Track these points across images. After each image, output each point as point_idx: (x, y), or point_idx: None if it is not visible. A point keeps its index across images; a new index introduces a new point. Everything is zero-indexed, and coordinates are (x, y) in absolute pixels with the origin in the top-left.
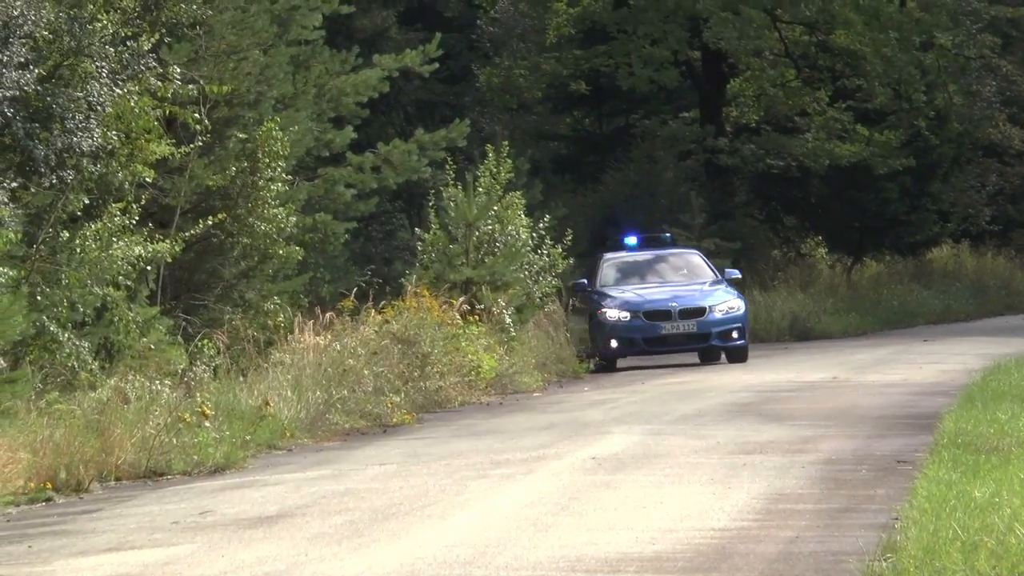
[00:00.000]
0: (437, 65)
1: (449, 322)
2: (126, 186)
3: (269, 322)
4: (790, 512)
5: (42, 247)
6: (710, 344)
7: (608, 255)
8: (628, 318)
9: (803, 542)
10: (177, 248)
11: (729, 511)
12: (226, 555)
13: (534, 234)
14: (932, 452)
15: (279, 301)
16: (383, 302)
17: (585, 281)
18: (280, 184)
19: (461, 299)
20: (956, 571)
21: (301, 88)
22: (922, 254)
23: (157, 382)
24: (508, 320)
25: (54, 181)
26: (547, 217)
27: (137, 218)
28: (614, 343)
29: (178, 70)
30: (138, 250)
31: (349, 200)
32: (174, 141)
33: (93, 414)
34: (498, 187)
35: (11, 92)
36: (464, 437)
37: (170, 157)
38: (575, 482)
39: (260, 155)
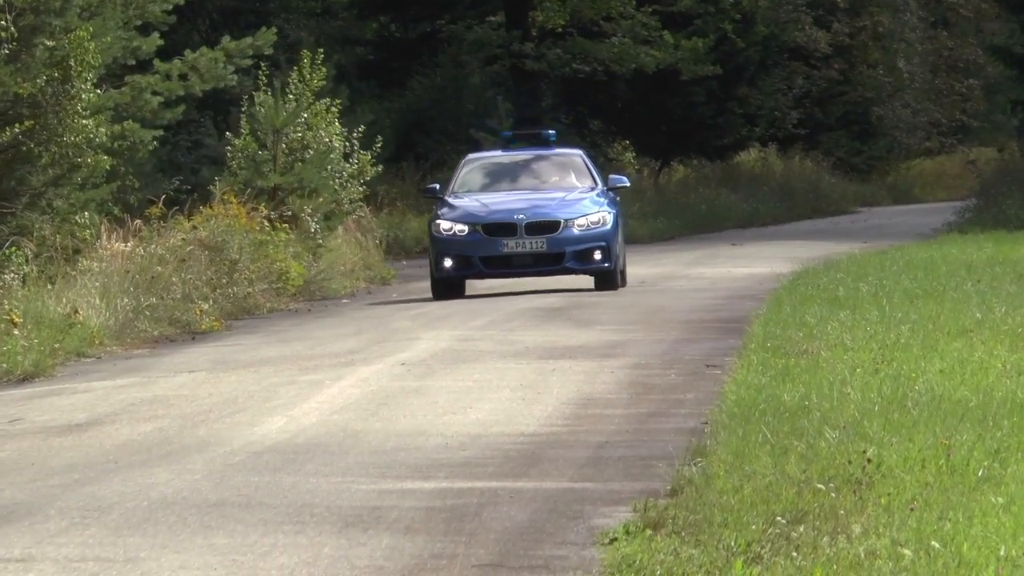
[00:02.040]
0: None
1: (257, 229)
2: None
3: (77, 231)
4: (599, 417)
5: None
6: (564, 266)
7: (471, 156)
8: (465, 232)
9: (613, 447)
10: None
11: (538, 416)
12: (36, 463)
13: (346, 142)
14: (741, 356)
15: (87, 214)
16: (191, 210)
17: (436, 186)
18: (90, 94)
19: (267, 206)
20: (766, 475)
21: None
22: (730, 158)
23: None
24: (315, 227)
25: None
26: (361, 127)
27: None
28: (448, 262)
29: None
30: None
31: (156, 108)
32: None
33: None
34: (309, 94)
35: None
36: (273, 344)
37: None
38: (384, 388)
39: (72, 63)
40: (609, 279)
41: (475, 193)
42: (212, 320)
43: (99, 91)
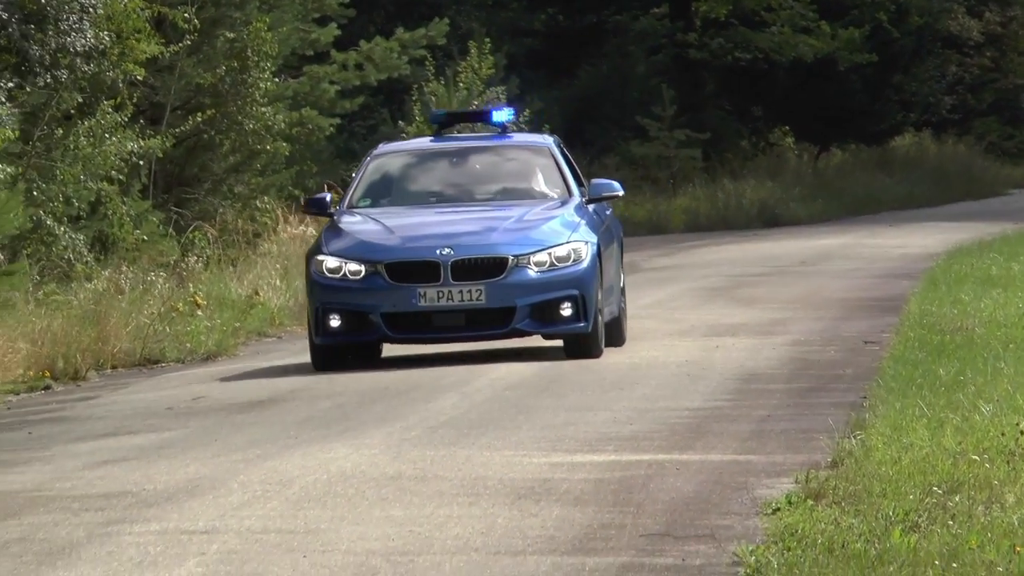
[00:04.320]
0: None
1: None
2: (118, 84)
3: (257, 215)
4: (762, 392)
5: (38, 144)
6: (513, 328)
7: (383, 147)
8: (361, 275)
9: (775, 420)
10: (168, 144)
11: (703, 391)
12: (218, 439)
13: (514, 127)
14: (898, 333)
15: (267, 198)
16: None
17: (326, 197)
18: (268, 83)
19: None
20: (923, 447)
21: None
22: (885, 143)
23: (151, 273)
24: None
25: (48, 80)
26: (526, 112)
27: (129, 115)
28: (334, 321)
29: None
30: (130, 146)
31: (333, 96)
32: (163, 40)
33: (89, 305)
34: (479, 82)
35: None
36: None
37: (160, 56)
38: (555, 365)
39: (250, 54)
40: (584, 345)
41: (380, 209)
42: None
43: (277, 80)
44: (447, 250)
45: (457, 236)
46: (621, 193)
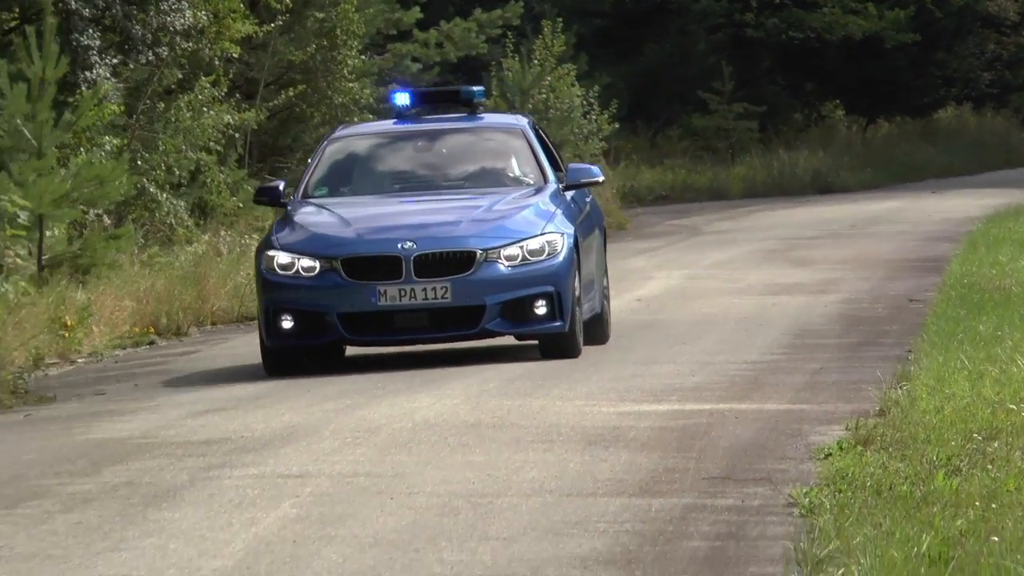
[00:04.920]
0: None
1: None
2: (215, 61)
3: None
4: (814, 346)
5: (141, 117)
6: (482, 328)
7: (341, 130)
8: (315, 271)
9: (826, 372)
10: (262, 116)
11: (760, 346)
12: (311, 390)
13: (584, 102)
14: (940, 291)
15: None
16: None
17: (279, 185)
18: (355, 59)
19: None
20: (964, 397)
21: None
22: (929, 115)
23: (246, 237)
24: None
25: (151, 58)
26: (596, 87)
27: (225, 90)
28: (286, 322)
29: None
30: (227, 118)
31: (415, 72)
32: (257, 20)
33: (190, 266)
34: (551, 59)
35: None
36: None
37: (254, 35)
38: (621, 321)
39: (338, 33)
40: (561, 346)
41: (337, 198)
42: None
43: (364, 58)
44: (409, 244)
45: (420, 228)
46: (601, 179)
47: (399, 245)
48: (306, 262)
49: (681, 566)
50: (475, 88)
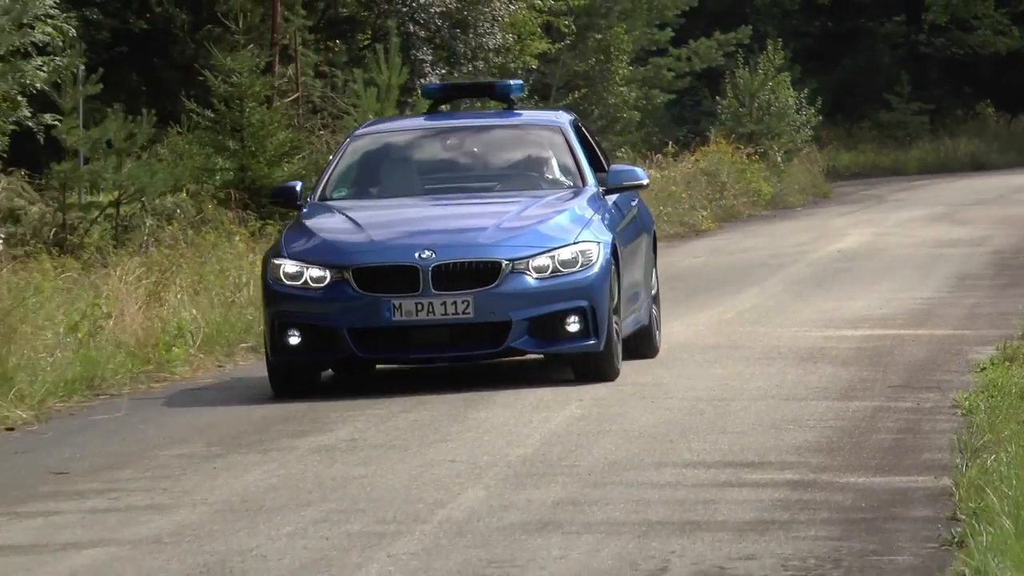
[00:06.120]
0: None
1: (739, 161)
2: (518, 71)
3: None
4: (972, 286)
5: None
6: (508, 346)
7: (364, 127)
8: (325, 281)
9: (982, 306)
10: None
11: (931, 286)
12: None
13: (796, 101)
14: None
15: (624, 151)
16: (694, 148)
17: (296, 186)
18: (624, 69)
19: (746, 146)
20: None
21: (637, 3)
22: None
23: None
24: (779, 159)
25: (470, 69)
26: (806, 90)
27: (525, 93)
28: (293, 338)
29: None
30: None
31: (670, 79)
32: (550, 40)
33: None
34: (773, 70)
35: (441, 8)
36: (750, 237)
37: (548, 51)
38: (825, 268)
39: (612, 50)
40: (595, 366)
41: (355, 201)
42: (709, 222)
43: (631, 68)
44: (427, 252)
45: (440, 235)
46: (646, 182)
47: (416, 254)
48: (315, 272)
49: (871, 453)
50: (513, 82)
